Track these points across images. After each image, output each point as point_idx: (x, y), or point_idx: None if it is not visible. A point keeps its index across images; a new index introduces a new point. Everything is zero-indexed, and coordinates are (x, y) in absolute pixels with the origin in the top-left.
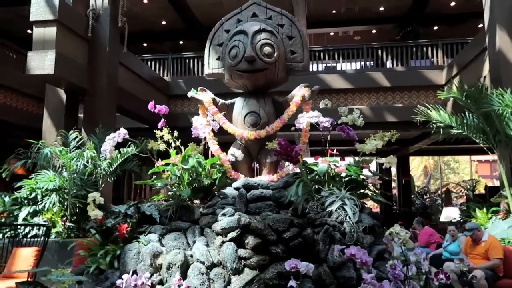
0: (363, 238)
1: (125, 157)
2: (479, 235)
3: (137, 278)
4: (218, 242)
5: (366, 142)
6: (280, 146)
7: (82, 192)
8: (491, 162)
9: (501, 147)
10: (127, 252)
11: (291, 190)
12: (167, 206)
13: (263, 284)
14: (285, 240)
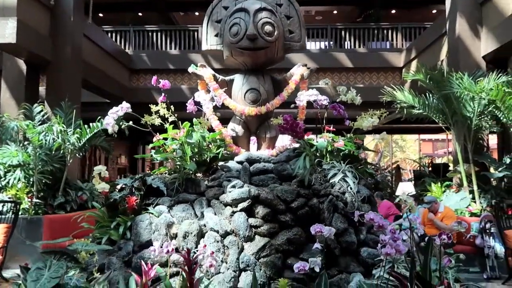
0: (361, 207)
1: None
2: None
3: (167, 245)
4: (228, 212)
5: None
6: (286, 122)
7: (48, 168)
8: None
9: (458, 126)
10: (139, 223)
11: (298, 163)
12: (173, 179)
13: (274, 249)
14: (293, 210)
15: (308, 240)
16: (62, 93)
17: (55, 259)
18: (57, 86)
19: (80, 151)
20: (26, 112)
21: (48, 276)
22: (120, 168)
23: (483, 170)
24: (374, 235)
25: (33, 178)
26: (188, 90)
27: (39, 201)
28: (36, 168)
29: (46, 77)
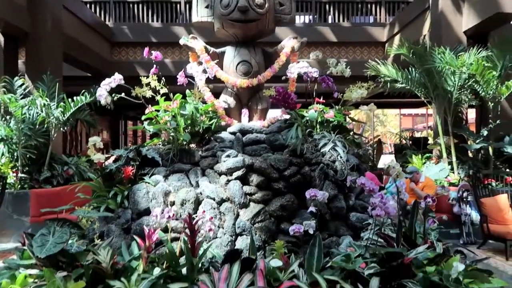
0: (350, 174)
1: (78, 105)
2: (417, 177)
3: (168, 211)
4: (223, 181)
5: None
6: (278, 93)
7: (32, 142)
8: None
9: (439, 100)
10: (136, 192)
11: (290, 133)
12: (167, 150)
13: (268, 215)
14: (286, 177)
15: (300, 206)
16: (43, 66)
17: (58, 226)
18: (38, 59)
19: (64, 125)
20: (6, 86)
21: (53, 242)
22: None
23: (461, 142)
24: (362, 201)
25: (17, 152)
26: (172, 64)
27: (25, 175)
28: (20, 142)
29: (26, 50)
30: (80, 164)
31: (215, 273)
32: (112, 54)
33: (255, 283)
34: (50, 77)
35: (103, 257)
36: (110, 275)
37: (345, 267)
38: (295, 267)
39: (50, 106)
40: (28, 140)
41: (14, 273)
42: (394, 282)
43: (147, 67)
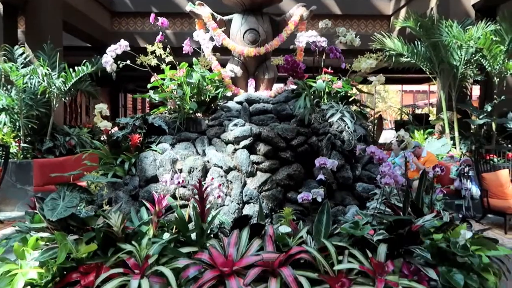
0: (357, 145)
1: (80, 75)
2: (419, 152)
3: (177, 177)
4: (230, 149)
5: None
6: (287, 62)
7: (33, 112)
8: (414, 92)
9: (444, 75)
10: (143, 159)
11: (299, 102)
12: (174, 118)
13: (275, 184)
14: (293, 147)
15: (307, 176)
16: (42, 35)
17: (68, 191)
18: (37, 28)
19: (66, 96)
20: (7, 54)
21: (63, 206)
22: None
23: (464, 117)
24: (368, 171)
25: (18, 122)
26: (173, 35)
27: (27, 145)
28: (21, 112)
29: (25, 18)
30: (82, 135)
31: (225, 238)
32: (112, 24)
33: (264, 248)
34: (50, 46)
35: (114, 221)
36: (120, 239)
37: (353, 233)
38: (304, 233)
39: (52, 76)
40: (29, 110)
41: (25, 236)
42: (402, 249)
43: (147, 37)
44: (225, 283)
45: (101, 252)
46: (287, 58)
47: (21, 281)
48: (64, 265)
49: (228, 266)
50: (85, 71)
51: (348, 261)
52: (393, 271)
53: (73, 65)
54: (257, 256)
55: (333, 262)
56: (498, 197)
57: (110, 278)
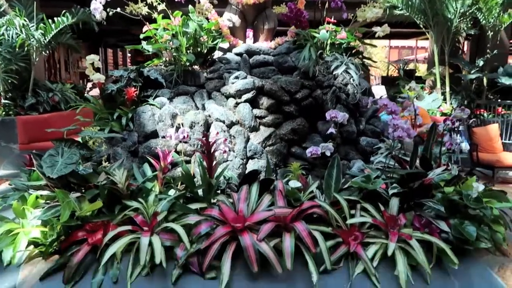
0: (362, 98)
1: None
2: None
3: (182, 131)
4: (231, 103)
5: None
6: (290, 10)
7: (12, 67)
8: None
9: (438, 28)
10: (141, 114)
11: (303, 53)
12: (170, 71)
13: (279, 138)
14: (297, 101)
15: (310, 130)
16: None
17: (66, 147)
18: None
19: (46, 49)
20: None
21: (63, 162)
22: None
23: (456, 72)
24: (372, 126)
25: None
26: None
27: (8, 102)
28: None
29: None
30: (65, 91)
31: (234, 194)
32: None
33: (275, 203)
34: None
35: (118, 178)
36: (125, 196)
37: (366, 187)
38: (314, 188)
39: (29, 28)
40: (8, 64)
41: (24, 195)
42: (412, 202)
43: None
44: (238, 239)
45: (106, 210)
46: (291, 6)
47: (24, 240)
48: (68, 224)
49: (240, 222)
50: (65, 23)
51: (361, 215)
52: (405, 224)
53: (51, 17)
54: (269, 211)
55: (345, 216)
56: (487, 151)
57: (118, 236)
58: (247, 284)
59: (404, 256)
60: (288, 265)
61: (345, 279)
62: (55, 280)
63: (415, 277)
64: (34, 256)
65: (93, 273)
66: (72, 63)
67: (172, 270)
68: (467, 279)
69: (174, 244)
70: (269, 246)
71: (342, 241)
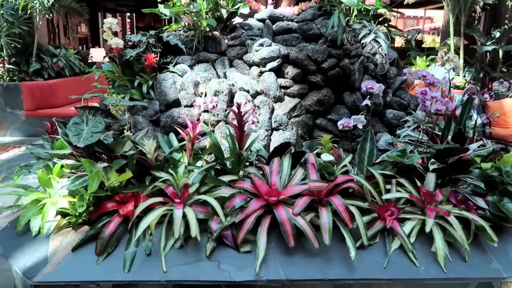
0: (390, 69)
1: None
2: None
3: (211, 100)
4: (255, 72)
5: None
6: None
7: (15, 30)
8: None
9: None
10: (162, 82)
11: (332, 20)
12: (191, 36)
13: (305, 109)
14: (324, 70)
15: (336, 101)
16: None
17: (90, 115)
18: None
19: (49, 12)
20: None
21: (88, 131)
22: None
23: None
24: (398, 98)
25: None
26: None
27: (12, 67)
28: (2, 30)
29: None
30: (69, 56)
31: (266, 167)
32: None
33: (308, 176)
34: None
35: (148, 148)
36: (154, 167)
37: (402, 161)
38: (347, 161)
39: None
40: (10, 28)
41: (48, 164)
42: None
43: None
44: (272, 213)
45: (135, 181)
46: None
47: (51, 210)
48: (97, 194)
49: (274, 195)
50: None
51: (397, 190)
52: (441, 200)
53: None
54: (304, 185)
55: (380, 191)
56: (500, 126)
57: (150, 207)
58: (283, 258)
59: (441, 232)
60: (326, 241)
61: (382, 255)
62: (87, 251)
63: (452, 254)
64: (62, 227)
65: (126, 245)
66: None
67: (205, 243)
68: (504, 256)
69: (207, 217)
70: (305, 221)
71: (378, 216)
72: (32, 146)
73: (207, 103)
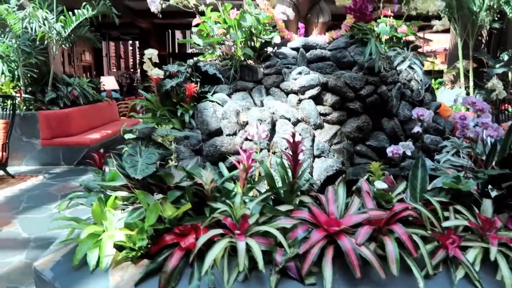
0: (425, 95)
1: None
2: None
3: (263, 130)
4: (294, 100)
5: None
6: (354, 3)
7: (32, 60)
8: None
9: (462, 21)
10: (203, 111)
11: (369, 47)
12: (226, 66)
13: (345, 136)
14: (362, 97)
15: (373, 127)
16: None
17: (142, 146)
18: None
19: (65, 42)
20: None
21: (143, 162)
22: (84, 65)
23: (479, 67)
24: (435, 123)
25: (17, 71)
26: None
27: (28, 96)
28: (20, 60)
29: None
30: (82, 85)
31: (321, 196)
32: None
33: (364, 205)
34: None
35: (205, 179)
36: (210, 198)
37: (458, 188)
38: (401, 189)
39: (50, 20)
40: (27, 58)
41: (100, 196)
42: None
43: None
44: (334, 243)
45: (192, 212)
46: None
47: (109, 243)
48: (156, 227)
49: (334, 225)
50: (86, 15)
51: (455, 217)
52: (500, 227)
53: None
54: (364, 214)
55: (439, 218)
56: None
57: (210, 239)
58: None
59: (504, 260)
60: (394, 271)
61: (447, 284)
62: (150, 285)
63: None
64: (120, 260)
65: (189, 279)
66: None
67: (269, 276)
68: None
69: (270, 248)
70: (370, 250)
71: (440, 244)
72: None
73: (260, 133)
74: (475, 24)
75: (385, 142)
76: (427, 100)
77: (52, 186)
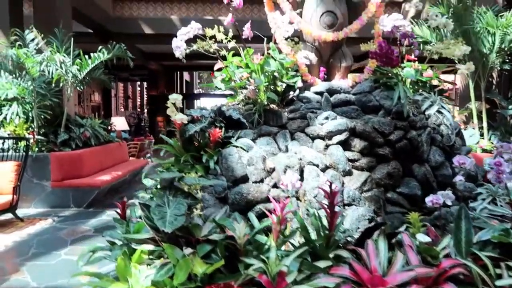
0: (455, 140)
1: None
2: None
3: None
4: (320, 145)
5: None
6: (380, 48)
7: (47, 102)
8: None
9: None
10: (228, 157)
11: (397, 92)
12: (254, 110)
13: (375, 183)
14: (391, 142)
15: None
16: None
17: (170, 195)
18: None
19: (80, 84)
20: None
21: (172, 214)
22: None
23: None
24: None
25: (30, 113)
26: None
27: (41, 137)
28: (35, 102)
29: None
30: (94, 126)
31: (361, 250)
32: (114, 9)
33: (408, 261)
34: (62, 31)
35: (238, 232)
36: (243, 252)
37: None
38: (446, 243)
39: (66, 63)
40: (42, 100)
41: (125, 250)
42: None
43: (151, 24)
44: None
45: (222, 268)
46: (381, 43)
47: None
48: (186, 286)
49: (379, 284)
50: (101, 58)
51: (508, 275)
52: None
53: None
54: (411, 272)
55: (491, 275)
56: None
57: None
58: None
59: None
60: None
61: None
62: None
63: None
64: None
65: None
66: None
67: None
68: None
69: None
70: None
71: None
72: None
73: (293, 182)
74: (485, 66)
75: (417, 189)
76: (458, 145)
77: (62, 230)
